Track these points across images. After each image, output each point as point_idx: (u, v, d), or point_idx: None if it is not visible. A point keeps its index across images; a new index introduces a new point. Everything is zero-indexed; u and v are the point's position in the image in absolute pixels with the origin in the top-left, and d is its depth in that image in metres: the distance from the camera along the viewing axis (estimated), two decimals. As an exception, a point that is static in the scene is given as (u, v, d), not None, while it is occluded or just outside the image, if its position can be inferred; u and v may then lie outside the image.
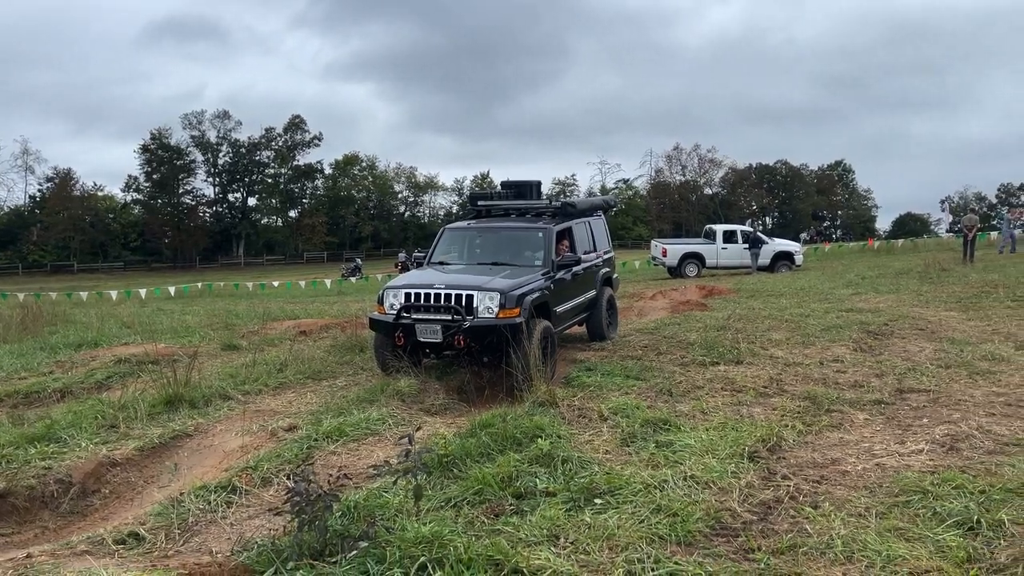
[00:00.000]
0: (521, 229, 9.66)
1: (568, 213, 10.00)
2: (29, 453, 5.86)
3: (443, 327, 7.87)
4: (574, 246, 9.86)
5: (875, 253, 36.31)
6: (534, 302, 8.19)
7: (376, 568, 3.53)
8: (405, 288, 8.29)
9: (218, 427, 6.67)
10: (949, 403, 6.43)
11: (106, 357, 10.41)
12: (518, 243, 9.49)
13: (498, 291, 7.90)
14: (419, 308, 8.07)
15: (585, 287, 10.14)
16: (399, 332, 8.09)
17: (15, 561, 3.67)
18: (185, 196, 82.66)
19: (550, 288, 8.74)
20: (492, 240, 9.75)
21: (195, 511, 4.57)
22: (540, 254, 9.12)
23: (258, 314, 16.60)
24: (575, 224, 10.15)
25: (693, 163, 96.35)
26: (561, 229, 9.64)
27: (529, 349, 7.59)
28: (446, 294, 8.00)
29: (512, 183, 10.89)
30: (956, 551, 3.60)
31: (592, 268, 10.44)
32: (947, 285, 15.58)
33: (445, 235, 10.15)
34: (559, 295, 9.04)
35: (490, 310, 7.85)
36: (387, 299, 8.35)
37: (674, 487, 4.58)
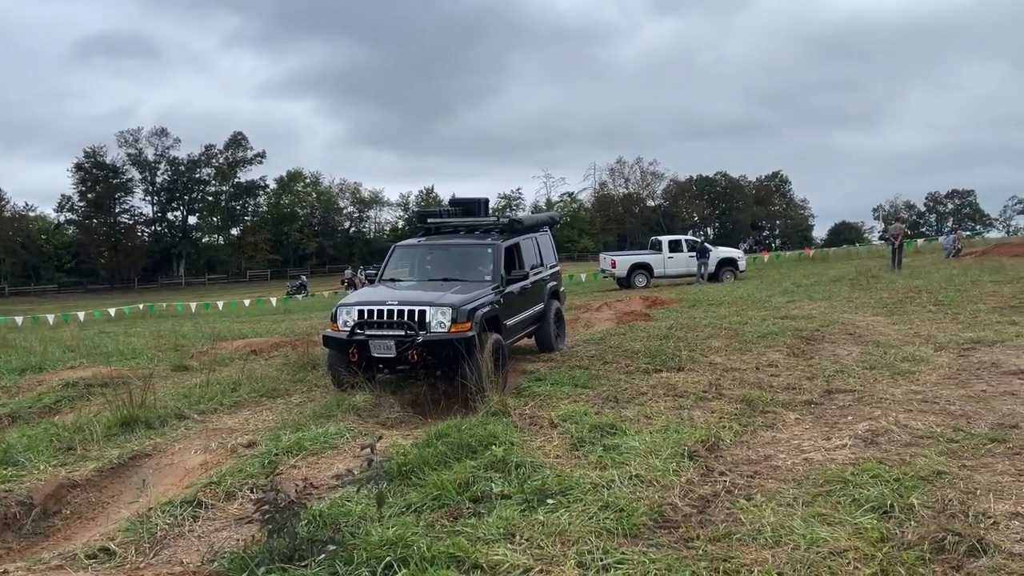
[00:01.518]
0: (470, 246, 9.89)
1: (515, 229, 10.25)
2: (-14, 477, 5.90)
3: (397, 342, 8.01)
4: (522, 261, 10.11)
5: (811, 261, 37.62)
6: (485, 316, 8.40)
7: (344, 569, 3.77)
8: (358, 305, 8.44)
9: (176, 446, 6.77)
10: (872, 401, 6.93)
11: (53, 381, 10.31)
12: (468, 259, 9.69)
13: (450, 306, 8.10)
14: (372, 324, 8.20)
15: (534, 300, 10.43)
16: (353, 348, 8.20)
17: (-8, 577, 3.79)
18: (122, 215, 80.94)
19: (500, 302, 8.97)
20: (442, 256, 9.94)
21: (163, 526, 4.72)
22: (490, 269, 9.33)
23: (205, 334, 16.55)
24: (522, 240, 10.41)
25: (636, 176, 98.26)
26: (509, 245, 9.87)
27: (481, 362, 7.80)
28: (399, 310, 8.16)
29: (460, 200, 11.17)
30: (871, 533, 4.00)
31: (540, 282, 10.74)
32: (876, 291, 16.39)
33: (396, 252, 10.28)
34: (509, 309, 9.29)
35: (442, 325, 8.02)
36: (340, 316, 8.46)
37: (620, 486, 4.91)
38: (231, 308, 31.40)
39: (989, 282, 15.75)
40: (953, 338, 9.88)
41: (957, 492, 4.49)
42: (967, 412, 6.36)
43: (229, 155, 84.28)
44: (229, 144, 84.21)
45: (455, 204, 11.16)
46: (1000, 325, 10.66)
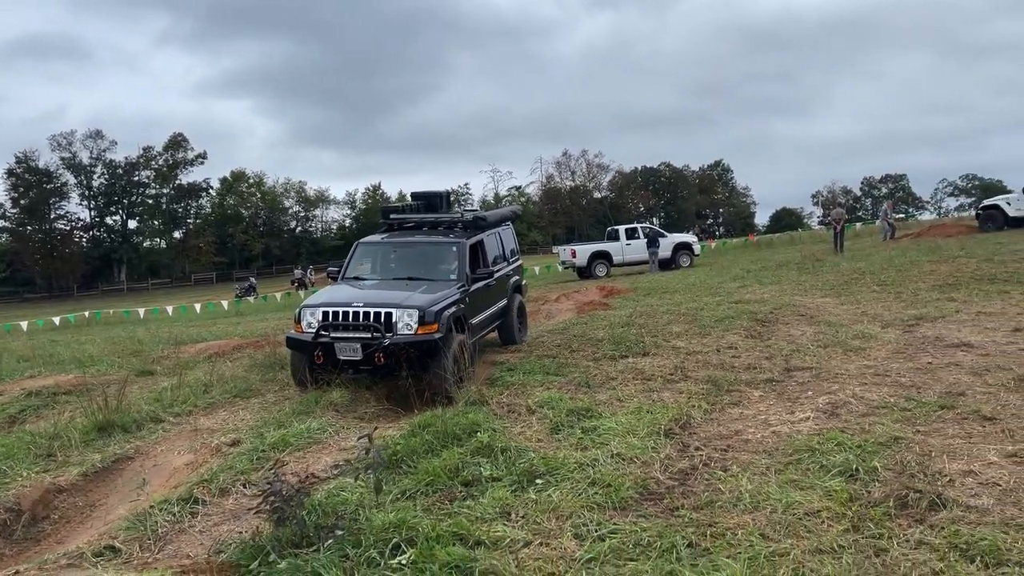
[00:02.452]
0: (435, 244, 9.76)
1: (479, 226, 10.20)
2: (-30, 486, 5.89)
3: (363, 345, 7.90)
4: (486, 258, 10.11)
5: (757, 248, 38.60)
6: (451, 316, 8.33)
7: (354, 552, 3.95)
8: (323, 306, 8.28)
9: (159, 448, 6.82)
10: (829, 377, 7.33)
11: (14, 391, 10.15)
12: (433, 258, 9.58)
13: (416, 308, 8.00)
14: (338, 327, 8.07)
15: (498, 296, 10.45)
16: (318, 351, 8.08)
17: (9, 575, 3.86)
18: (58, 221, 78.25)
19: (465, 301, 8.91)
20: (407, 255, 9.80)
21: (163, 523, 4.81)
22: (455, 268, 9.24)
23: (163, 339, 16.34)
24: (486, 236, 10.38)
25: (582, 168, 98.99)
26: (474, 243, 9.82)
27: (448, 363, 7.83)
28: (364, 312, 8.04)
29: (422, 194, 11.06)
30: (840, 494, 4.33)
31: (503, 277, 10.72)
32: (822, 274, 17.04)
33: (359, 249, 10.09)
34: (474, 307, 9.26)
35: (409, 327, 7.92)
36: (305, 317, 8.32)
37: (604, 464, 5.17)
38: (181, 313, 30.88)
39: (927, 262, 16.51)
40: (898, 316, 10.42)
41: (914, 455, 4.86)
42: (916, 383, 6.80)
43: (169, 157, 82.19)
44: (168, 145, 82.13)
45: (417, 198, 11.03)
46: (940, 302, 11.26)
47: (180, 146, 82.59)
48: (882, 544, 3.68)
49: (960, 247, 19.40)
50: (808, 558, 3.60)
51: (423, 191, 11.13)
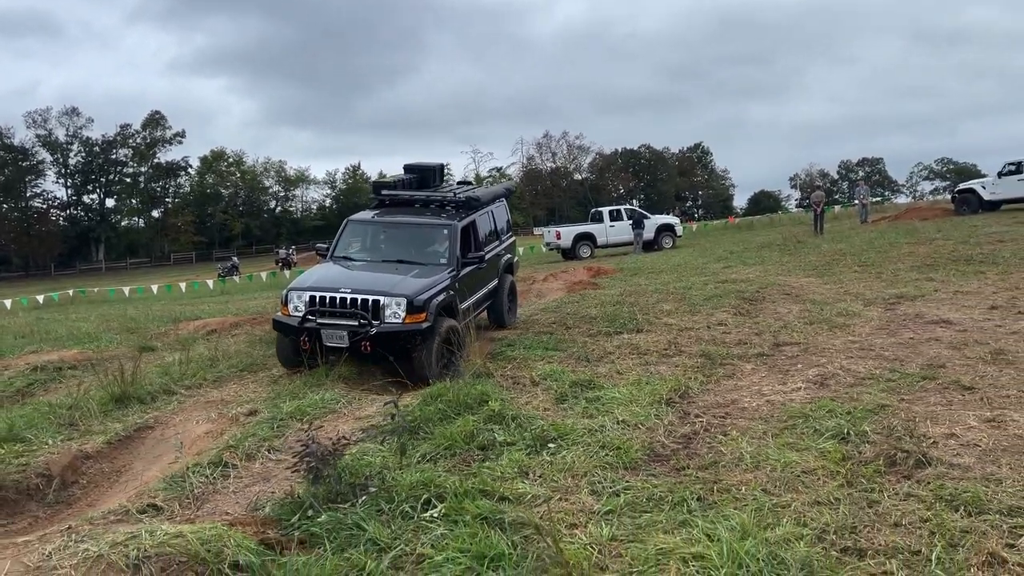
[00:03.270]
0: (426, 225, 9.54)
1: (472, 207, 9.98)
2: (0, 452, 6.11)
3: (349, 333, 7.83)
4: (478, 240, 9.92)
5: (737, 229, 39.14)
6: (440, 304, 8.22)
7: (387, 506, 4.24)
8: (310, 291, 8.19)
9: (176, 418, 7.06)
10: (816, 351, 7.72)
11: (19, 365, 10.30)
12: (424, 240, 9.36)
13: (405, 296, 7.90)
14: (324, 312, 8.01)
15: (488, 278, 10.25)
16: (304, 336, 8.02)
17: (63, 531, 4.11)
18: (34, 200, 77.27)
19: (455, 287, 8.76)
20: (397, 236, 9.60)
21: (197, 484, 5.08)
22: (445, 251, 9.07)
23: (155, 317, 16.47)
24: (479, 216, 10.16)
25: (562, 150, 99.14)
26: (466, 224, 9.63)
27: (433, 350, 7.82)
28: (352, 299, 7.95)
29: (415, 167, 10.77)
30: (834, 454, 4.69)
31: (494, 258, 10.51)
32: (804, 255, 17.49)
33: (348, 227, 9.85)
34: (464, 291, 9.07)
35: (397, 315, 7.84)
36: (292, 300, 8.23)
37: (611, 430, 5.51)
38: (166, 292, 30.85)
39: (905, 243, 17.01)
40: (879, 294, 10.85)
41: (900, 420, 5.24)
42: (899, 356, 7.20)
43: (147, 135, 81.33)
44: (146, 123, 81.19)
45: (410, 171, 10.75)
46: (919, 282, 11.71)
47: (158, 124, 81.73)
48: (874, 497, 4.04)
49: (937, 229, 19.95)
50: (808, 509, 3.94)
51: (416, 163, 10.83)
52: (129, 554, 3.46)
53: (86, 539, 3.70)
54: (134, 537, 3.63)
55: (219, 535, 3.74)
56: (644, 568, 3.40)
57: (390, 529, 3.98)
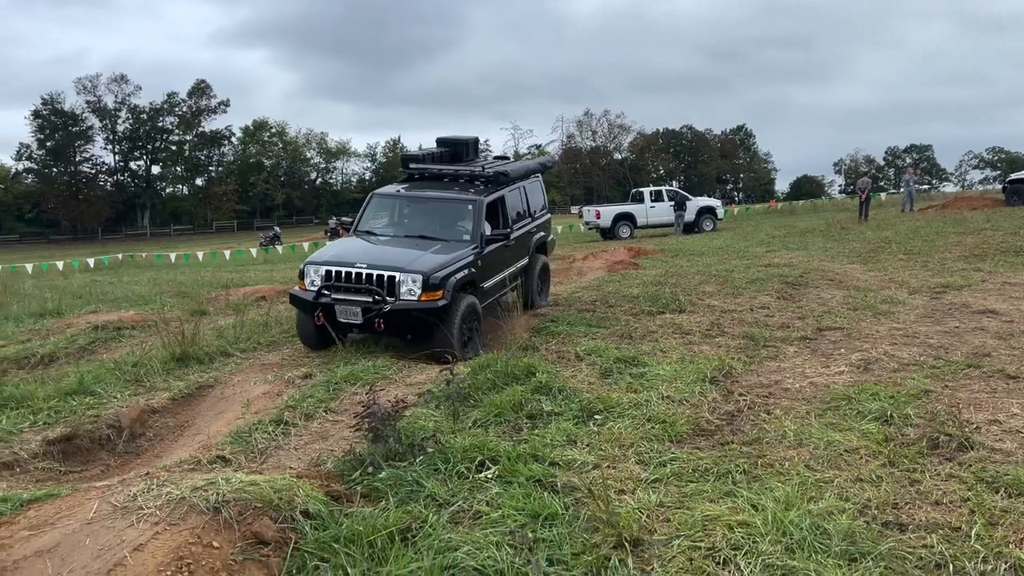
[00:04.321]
0: (450, 201, 9.29)
1: (501, 182, 9.66)
2: (72, 404, 6.48)
3: (363, 309, 7.69)
4: (506, 217, 9.63)
5: (779, 214, 38.73)
6: (459, 282, 8.00)
7: (444, 466, 4.47)
8: (326, 265, 8.07)
9: (234, 378, 7.38)
10: (860, 337, 7.77)
11: (80, 324, 10.76)
12: (447, 215, 9.13)
13: (421, 273, 7.71)
14: (340, 288, 7.86)
15: (517, 256, 9.94)
16: (318, 311, 7.88)
17: (142, 476, 4.40)
18: (83, 164, 79.10)
19: (477, 265, 8.52)
20: (420, 211, 9.41)
21: (261, 440, 5.36)
22: (469, 228, 8.83)
23: (204, 282, 16.95)
24: (508, 192, 9.83)
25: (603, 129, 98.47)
26: (493, 200, 9.36)
27: (454, 328, 7.72)
28: (367, 274, 7.80)
29: (448, 140, 10.52)
30: (876, 435, 4.80)
31: (525, 235, 10.23)
32: (848, 242, 17.34)
33: (373, 201, 9.72)
34: (487, 269, 8.84)
35: (412, 292, 7.68)
36: (308, 275, 8.11)
37: (656, 404, 5.66)
38: (212, 259, 31.53)
39: (952, 233, 16.78)
40: (925, 283, 10.79)
41: (943, 405, 5.31)
42: (944, 344, 7.23)
43: (193, 103, 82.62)
44: (192, 92, 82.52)
45: (442, 144, 10.45)
46: (966, 272, 11.61)
47: (203, 93, 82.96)
48: (916, 476, 4.15)
49: (986, 220, 19.61)
50: (850, 485, 4.07)
51: (449, 136, 10.57)
52: (209, 498, 3.71)
53: (167, 484, 3.98)
54: (212, 483, 3.89)
55: (289, 485, 3.99)
56: (691, 532, 3.57)
57: (447, 487, 4.21)
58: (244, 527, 3.60)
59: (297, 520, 3.72)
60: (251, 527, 3.61)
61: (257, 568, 3.41)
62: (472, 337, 8.12)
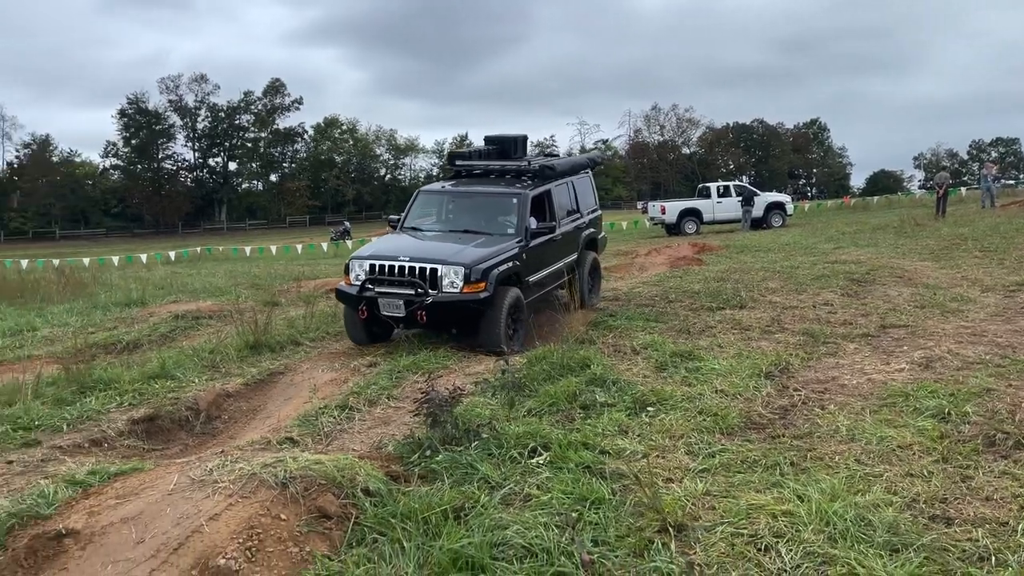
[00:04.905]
0: (495, 195, 9.33)
1: (546, 176, 9.62)
2: (154, 387, 6.92)
3: (405, 302, 7.75)
4: (552, 211, 9.56)
5: (851, 210, 37.71)
6: (502, 274, 8.00)
7: (498, 451, 4.65)
8: (370, 259, 8.13)
9: (303, 366, 7.73)
10: (924, 335, 7.63)
11: (162, 314, 11.37)
12: (492, 209, 9.15)
13: (463, 265, 7.74)
14: (383, 281, 7.93)
15: (565, 252, 9.87)
16: (362, 305, 7.95)
17: (217, 454, 4.72)
18: (165, 161, 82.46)
19: (522, 258, 8.50)
20: (465, 205, 9.46)
21: (327, 423, 5.65)
22: (513, 221, 8.81)
23: (277, 275, 17.58)
24: (555, 186, 9.79)
25: (671, 123, 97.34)
26: (538, 194, 9.33)
27: (500, 321, 7.75)
28: (410, 267, 7.86)
29: (495, 138, 10.50)
30: (932, 432, 4.77)
31: (574, 231, 10.17)
32: (921, 239, 16.86)
33: (419, 198, 9.80)
34: (533, 263, 8.83)
35: (455, 285, 7.71)
36: (353, 269, 8.18)
37: (709, 398, 5.73)
38: (284, 252, 32.55)
39: (1034, 230, 16.14)
40: (999, 281, 10.47)
41: (1004, 404, 5.22)
42: (1012, 343, 7.05)
43: (267, 101, 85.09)
44: (267, 91, 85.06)
45: (490, 142, 10.44)
46: (1045, 270, 11.20)
47: (278, 91, 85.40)
48: (968, 473, 4.13)
49: (1072, 217, 18.77)
50: (900, 480, 4.09)
51: (496, 135, 10.58)
52: (277, 474, 3.98)
53: (239, 460, 4.28)
54: (280, 461, 4.16)
55: (351, 465, 4.24)
56: (735, 519, 3.66)
57: (500, 471, 4.39)
58: (309, 502, 3.85)
59: (358, 497, 3.96)
60: (315, 502, 3.87)
61: (320, 540, 3.66)
62: (517, 331, 8.17)
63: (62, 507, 4.10)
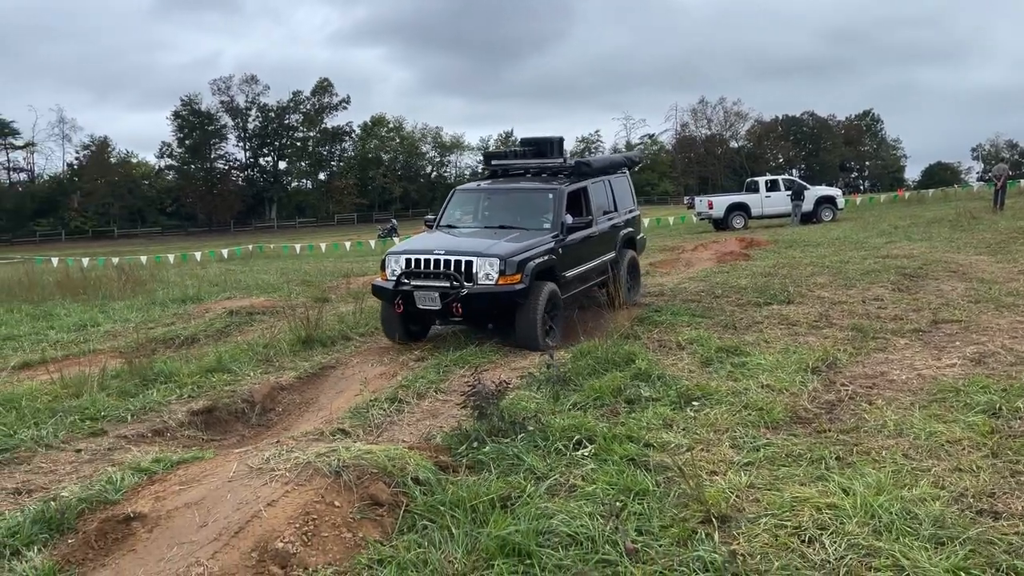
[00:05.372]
0: (530, 190, 9.37)
1: (583, 173, 9.69)
2: (212, 380, 7.17)
3: (441, 294, 7.79)
4: (589, 207, 9.56)
5: (906, 204, 36.84)
6: (538, 267, 8.01)
7: (543, 443, 4.74)
8: (406, 254, 8.22)
9: (353, 360, 7.93)
10: (978, 330, 7.50)
11: (218, 309, 11.71)
12: (527, 205, 9.19)
13: (498, 257, 7.78)
14: (419, 275, 8.00)
15: (602, 249, 9.84)
16: (399, 299, 8.02)
17: (273, 444, 4.91)
18: (217, 161, 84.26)
19: (558, 252, 8.50)
20: (501, 202, 9.50)
21: (377, 415, 5.81)
22: (549, 216, 8.82)
23: (327, 272, 17.93)
24: (591, 184, 9.79)
25: (719, 116, 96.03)
26: (574, 190, 9.36)
27: (536, 314, 7.76)
28: (445, 260, 7.91)
29: (531, 140, 10.51)
30: (982, 427, 4.72)
31: (611, 229, 10.15)
32: (978, 232, 16.45)
33: (455, 197, 9.88)
34: (570, 259, 8.82)
35: (490, 277, 7.73)
36: (389, 264, 8.26)
37: (754, 392, 5.73)
38: (333, 249, 33.10)
39: (1098, 223, 15.63)
40: (1058, 276, 10.20)
41: (1060, 400, 5.14)
42: (1071, 339, 6.89)
43: (316, 101, 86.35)
44: (315, 90, 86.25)
45: (526, 144, 10.44)
46: (1107, 264, 10.86)
47: (326, 91, 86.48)
48: (1018, 468, 4.10)
49: None
50: (947, 474, 4.07)
51: (533, 137, 10.62)
52: (331, 463, 4.14)
53: (295, 450, 4.45)
54: (334, 450, 4.32)
55: (402, 455, 4.37)
56: (779, 512, 3.69)
57: (546, 462, 4.48)
58: (361, 490, 4.00)
59: (408, 485, 4.09)
60: (367, 490, 4.01)
61: (372, 526, 3.79)
62: (554, 326, 8.19)
63: (129, 493, 4.33)
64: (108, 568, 3.54)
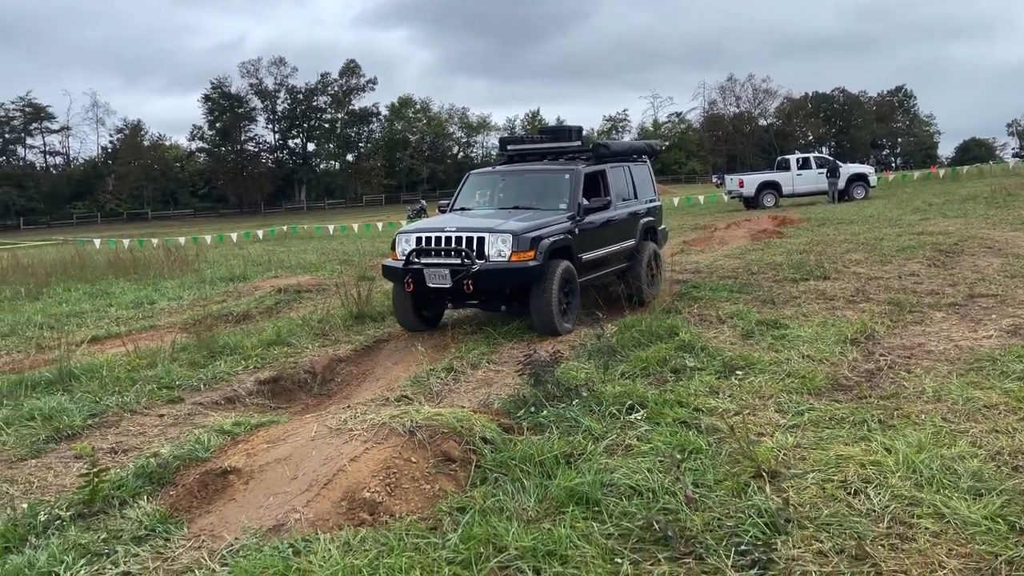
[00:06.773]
0: (546, 172, 9.15)
1: (601, 155, 9.39)
2: (273, 352, 7.57)
3: (452, 272, 7.56)
4: (607, 190, 9.21)
5: (939, 181, 36.46)
6: (553, 245, 7.74)
7: (597, 408, 5.05)
8: (416, 232, 8.03)
9: (404, 334, 8.28)
10: (1014, 303, 7.66)
11: (266, 288, 12.15)
12: (542, 186, 8.95)
13: (510, 233, 7.55)
14: (429, 252, 7.78)
15: (621, 236, 9.41)
16: (408, 278, 7.78)
17: (343, 408, 5.27)
18: (247, 143, 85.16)
19: (574, 232, 8.22)
20: (516, 184, 9.27)
21: (436, 383, 6.16)
22: (565, 197, 8.54)
23: (364, 251, 18.33)
24: (610, 168, 9.43)
25: (747, 94, 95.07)
26: (592, 172, 9.03)
27: (552, 293, 7.51)
28: (456, 237, 7.68)
29: (550, 128, 10.47)
30: (1018, 392, 4.94)
31: (630, 216, 9.68)
32: (1013, 208, 16.42)
33: (469, 180, 9.68)
34: (586, 241, 8.50)
35: (502, 253, 7.50)
36: (399, 244, 8.09)
37: (796, 362, 5.98)
38: (365, 230, 33.59)
39: None
40: (1096, 251, 10.27)
41: (1094, 368, 5.34)
42: (1107, 312, 7.04)
43: (343, 83, 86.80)
44: (343, 72, 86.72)
45: (544, 132, 10.37)
46: None
47: (353, 72, 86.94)
48: (1054, 430, 4.33)
49: None
50: (984, 435, 4.31)
51: (552, 126, 10.37)
52: (404, 423, 4.48)
53: (368, 412, 4.80)
54: (406, 412, 4.66)
55: (467, 417, 4.71)
56: (825, 468, 3.97)
57: (602, 424, 4.79)
58: (435, 447, 4.33)
59: (477, 444, 4.42)
60: (440, 447, 4.34)
61: (447, 479, 4.13)
62: (570, 307, 7.98)
63: (217, 451, 4.73)
64: (213, 514, 3.91)
